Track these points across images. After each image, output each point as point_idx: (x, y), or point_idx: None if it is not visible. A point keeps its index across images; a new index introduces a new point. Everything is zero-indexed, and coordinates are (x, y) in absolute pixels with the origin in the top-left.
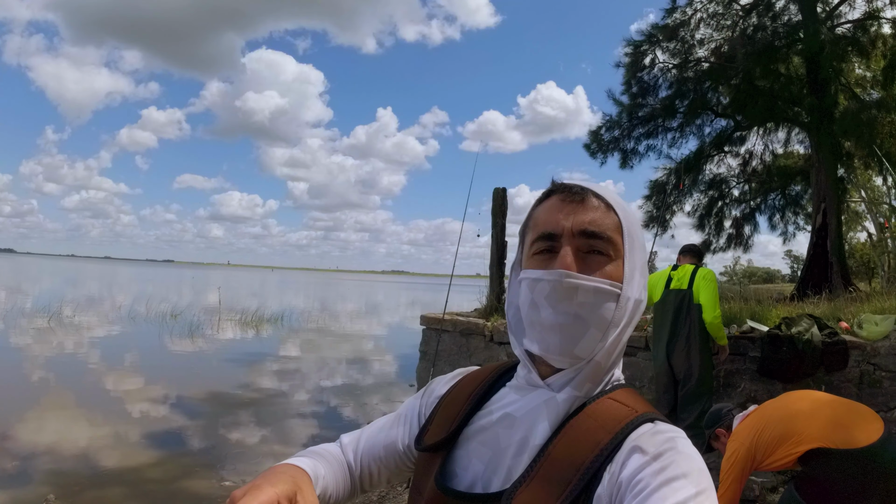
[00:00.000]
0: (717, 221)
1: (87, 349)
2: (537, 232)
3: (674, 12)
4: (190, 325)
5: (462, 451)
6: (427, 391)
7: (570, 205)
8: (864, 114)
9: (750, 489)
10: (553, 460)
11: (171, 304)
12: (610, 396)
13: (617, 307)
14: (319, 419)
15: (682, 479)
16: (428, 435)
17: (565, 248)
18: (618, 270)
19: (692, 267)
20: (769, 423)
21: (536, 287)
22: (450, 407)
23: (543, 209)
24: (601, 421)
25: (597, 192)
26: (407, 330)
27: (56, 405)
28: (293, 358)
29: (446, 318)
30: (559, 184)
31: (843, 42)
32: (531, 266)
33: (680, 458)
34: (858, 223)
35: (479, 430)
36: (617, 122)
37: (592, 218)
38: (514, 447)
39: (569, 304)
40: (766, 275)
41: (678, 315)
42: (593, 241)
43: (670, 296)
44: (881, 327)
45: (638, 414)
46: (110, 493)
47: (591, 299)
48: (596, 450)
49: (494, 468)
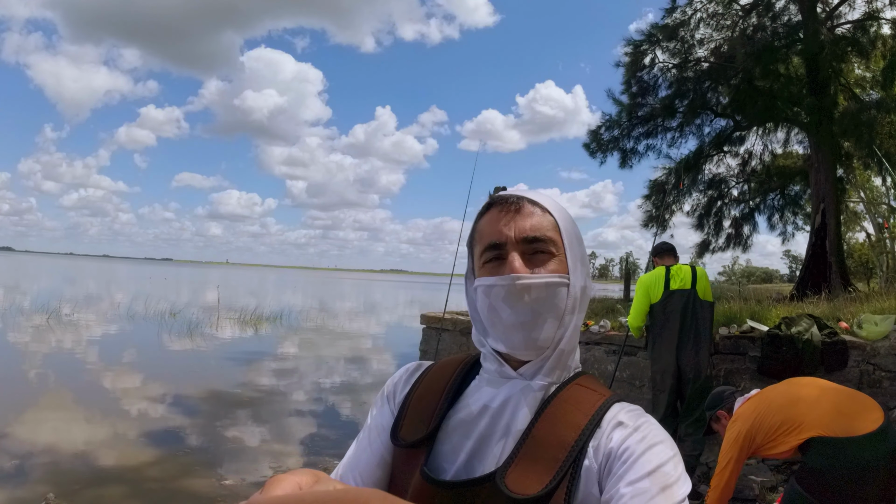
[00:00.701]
0: (717, 221)
1: (85, 348)
2: (484, 243)
3: (674, 12)
4: (189, 324)
5: (446, 446)
6: (389, 395)
7: (509, 214)
8: (863, 114)
9: (750, 488)
10: (538, 441)
11: (170, 302)
12: (578, 383)
13: (568, 295)
14: (319, 418)
15: (661, 444)
16: (404, 430)
17: (512, 254)
18: (562, 264)
19: (689, 266)
20: (771, 408)
21: (492, 292)
22: (422, 402)
23: (486, 222)
24: (576, 404)
25: (531, 199)
26: (406, 329)
27: (55, 404)
28: (292, 357)
29: (446, 318)
30: (496, 196)
31: (842, 42)
32: (484, 274)
33: (655, 428)
34: (857, 223)
35: (459, 424)
36: (616, 121)
37: (531, 223)
38: (497, 434)
39: (524, 303)
40: (764, 274)
41: (685, 315)
42: (535, 244)
43: (674, 296)
44: (881, 327)
45: (606, 397)
46: (110, 491)
47: (543, 294)
48: (577, 430)
49: (480, 456)
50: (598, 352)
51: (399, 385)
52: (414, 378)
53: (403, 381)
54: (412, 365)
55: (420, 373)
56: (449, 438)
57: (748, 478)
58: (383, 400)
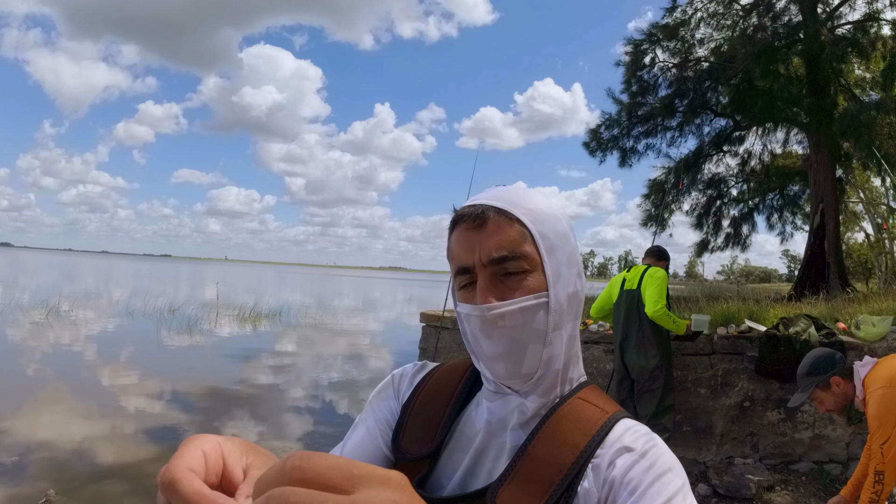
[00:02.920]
0: (716, 221)
1: (84, 344)
2: (454, 266)
3: (674, 11)
4: (188, 321)
5: (445, 461)
6: (396, 391)
7: (474, 233)
8: (863, 115)
9: (747, 487)
10: (533, 460)
11: (169, 298)
12: (579, 396)
13: (549, 313)
14: (317, 415)
15: (669, 472)
16: (406, 441)
17: (480, 280)
18: (538, 280)
19: (644, 267)
20: None
21: (469, 321)
22: (425, 411)
23: (454, 241)
24: (576, 423)
25: (498, 207)
26: (404, 326)
27: (54, 400)
28: (291, 353)
29: (446, 316)
30: (460, 212)
31: (843, 43)
32: (460, 299)
33: (663, 453)
34: (856, 224)
35: (459, 438)
36: (616, 120)
37: (497, 241)
38: (492, 451)
39: (501, 331)
40: (763, 274)
41: (629, 314)
42: (505, 264)
43: (623, 296)
44: (878, 328)
45: (609, 415)
46: (110, 488)
47: (519, 320)
48: (576, 451)
49: (473, 472)
50: (596, 351)
51: (404, 383)
52: (417, 379)
53: (408, 380)
54: (419, 363)
55: (424, 374)
56: (449, 454)
57: (745, 477)
58: (389, 394)
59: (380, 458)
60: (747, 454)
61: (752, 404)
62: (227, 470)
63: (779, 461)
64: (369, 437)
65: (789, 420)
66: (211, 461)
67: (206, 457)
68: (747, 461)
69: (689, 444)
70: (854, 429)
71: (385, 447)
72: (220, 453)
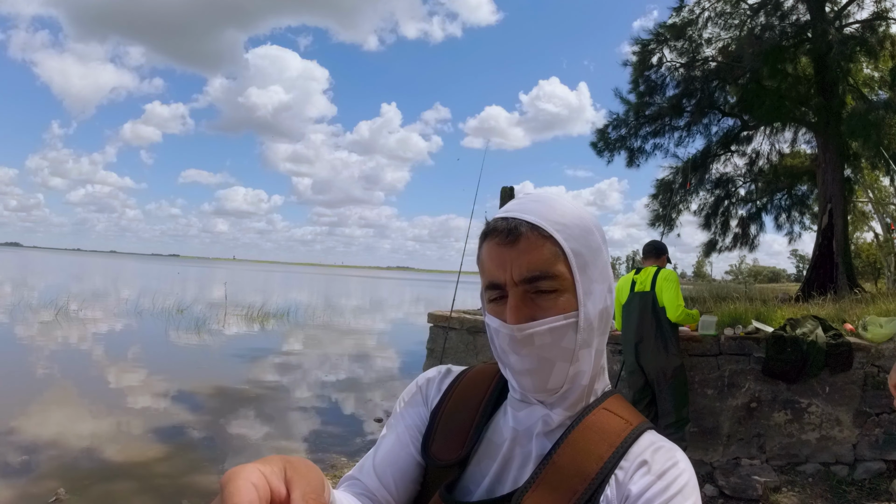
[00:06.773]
0: (724, 221)
1: (93, 344)
2: (485, 280)
3: (681, 11)
4: (196, 320)
5: (474, 468)
6: (425, 397)
7: (506, 250)
8: (871, 114)
9: (753, 489)
10: (558, 469)
11: (177, 298)
12: (604, 407)
13: (578, 331)
14: (325, 415)
15: (679, 496)
16: (436, 447)
17: (511, 298)
18: (569, 300)
19: (654, 269)
20: None
21: (498, 336)
22: (454, 418)
23: (486, 254)
24: (601, 433)
25: (531, 222)
26: (412, 326)
27: (63, 399)
28: (299, 353)
29: (453, 316)
30: (492, 224)
31: (851, 42)
32: (490, 311)
33: (680, 474)
34: (865, 224)
35: (488, 445)
36: (624, 120)
37: (529, 260)
38: (518, 459)
39: (530, 349)
40: (771, 274)
41: (643, 317)
42: (537, 283)
43: (635, 299)
44: (886, 329)
45: (633, 426)
46: (119, 487)
47: (548, 339)
48: (600, 462)
49: (500, 479)
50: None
51: (432, 389)
52: (445, 385)
53: (436, 386)
54: (443, 368)
55: (451, 379)
56: (478, 460)
57: (752, 478)
58: (417, 400)
59: (411, 463)
60: (754, 455)
61: (759, 405)
62: (274, 493)
63: (785, 462)
64: (400, 444)
65: (796, 421)
66: (262, 492)
67: (257, 489)
68: (754, 462)
69: (696, 445)
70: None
71: (416, 453)
72: (265, 481)
